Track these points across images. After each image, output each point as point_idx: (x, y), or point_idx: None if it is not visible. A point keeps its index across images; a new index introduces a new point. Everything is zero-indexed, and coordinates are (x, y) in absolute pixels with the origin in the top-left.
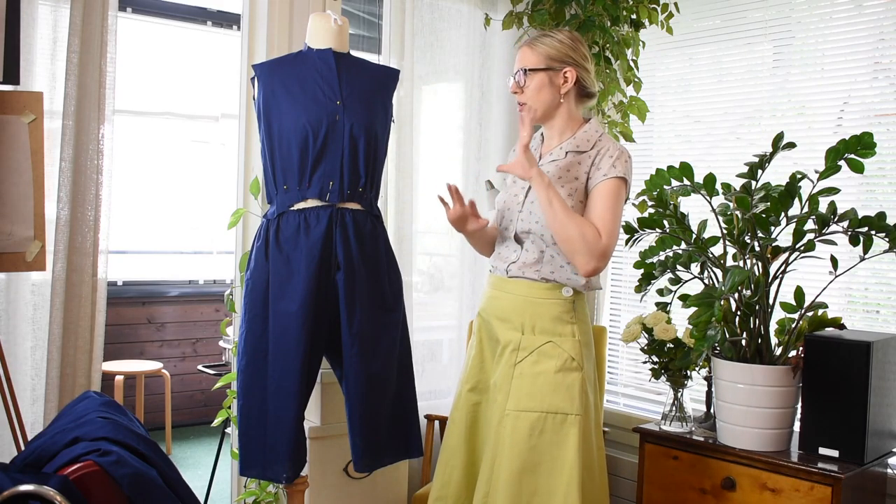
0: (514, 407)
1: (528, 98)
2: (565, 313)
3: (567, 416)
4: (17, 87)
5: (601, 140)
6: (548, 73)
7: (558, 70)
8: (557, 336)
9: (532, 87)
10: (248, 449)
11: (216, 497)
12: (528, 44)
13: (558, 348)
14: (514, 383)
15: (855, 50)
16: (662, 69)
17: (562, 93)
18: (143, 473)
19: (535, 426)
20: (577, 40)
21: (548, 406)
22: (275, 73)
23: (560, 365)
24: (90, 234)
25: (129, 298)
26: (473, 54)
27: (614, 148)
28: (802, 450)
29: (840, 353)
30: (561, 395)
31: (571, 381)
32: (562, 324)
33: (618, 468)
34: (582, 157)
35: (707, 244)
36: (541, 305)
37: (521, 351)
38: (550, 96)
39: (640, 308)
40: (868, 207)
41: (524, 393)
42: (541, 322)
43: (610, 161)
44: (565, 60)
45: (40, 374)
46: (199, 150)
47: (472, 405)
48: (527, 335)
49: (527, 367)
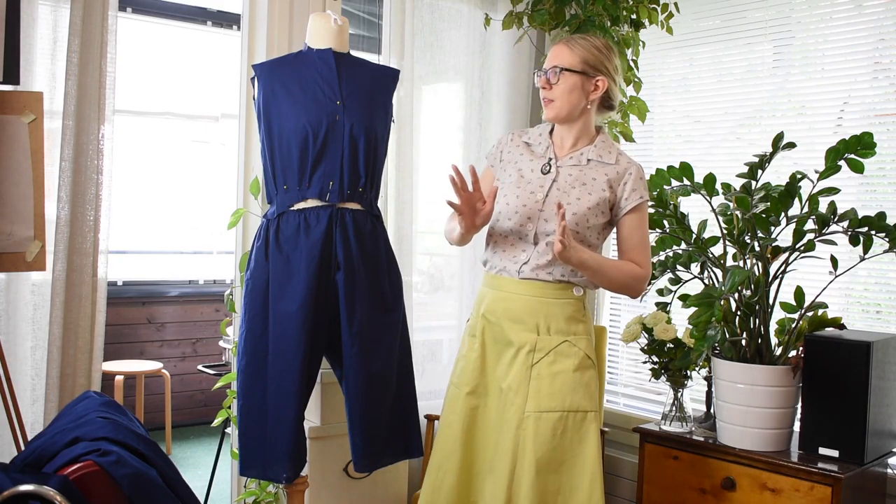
0: (534, 408)
1: (556, 96)
2: (578, 312)
3: (588, 414)
4: (17, 87)
5: (621, 156)
6: (581, 76)
7: (592, 76)
8: (573, 335)
9: (563, 86)
10: (248, 449)
11: (216, 497)
12: (567, 43)
13: (574, 347)
14: (532, 385)
15: (855, 50)
16: (662, 69)
17: (590, 99)
18: (143, 473)
19: (558, 426)
20: (612, 51)
21: (569, 405)
22: (275, 73)
23: (577, 363)
24: (90, 234)
25: (129, 298)
26: (473, 54)
27: (634, 166)
28: (802, 450)
29: (840, 353)
30: (580, 394)
31: (589, 378)
32: (575, 322)
33: (618, 468)
34: (606, 169)
35: (707, 244)
36: (555, 305)
37: (537, 352)
38: (578, 100)
39: (640, 308)
40: (868, 207)
41: (544, 393)
42: (556, 322)
43: (642, 183)
44: (600, 69)
45: (40, 374)
46: (199, 150)
47: (471, 409)
48: (542, 336)
49: (544, 367)
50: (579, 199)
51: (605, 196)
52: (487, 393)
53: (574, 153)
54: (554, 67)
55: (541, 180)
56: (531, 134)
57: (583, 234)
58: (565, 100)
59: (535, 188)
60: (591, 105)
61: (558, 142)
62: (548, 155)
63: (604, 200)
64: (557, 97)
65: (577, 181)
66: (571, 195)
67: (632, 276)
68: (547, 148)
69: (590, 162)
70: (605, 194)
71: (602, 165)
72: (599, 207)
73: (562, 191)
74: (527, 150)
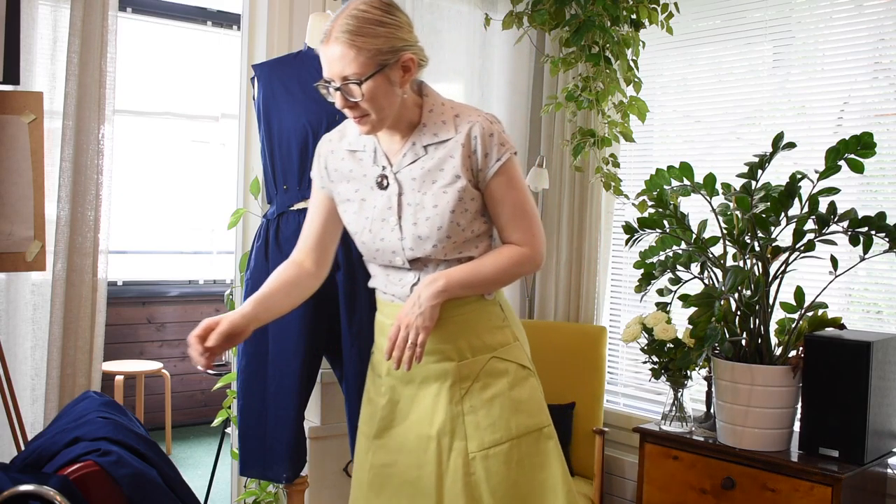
0: (478, 447)
1: (365, 110)
2: (496, 318)
3: (541, 431)
4: (17, 87)
5: (458, 119)
6: (383, 73)
7: (394, 62)
8: (499, 347)
9: (369, 96)
10: (248, 449)
11: (216, 497)
12: (346, 42)
13: (504, 361)
14: (468, 420)
15: (855, 50)
16: (662, 69)
17: (405, 88)
18: (144, 473)
19: (511, 458)
20: (393, 8)
21: (515, 430)
22: (275, 73)
23: (512, 379)
24: (90, 234)
25: (129, 298)
26: (473, 54)
27: (476, 124)
28: (802, 450)
29: (840, 353)
30: (525, 412)
31: (529, 390)
32: (497, 331)
33: (618, 468)
34: (448, 148)
35: (707, 244)
36: (467, 322)
37: (462, 382)
38: (394, 97)
39: (640, 308)
40: (868, 207)
41: (484, 426)
42: (474, 339)
43: (493, 140)
44: (397, 47)
45: (40, 374)
46: (199, 150)
47: (381, 466)
48: (463, 361)
49: (476, 396)
50: (436, 205)
51: (463, 183)
52: (402, 448)
53: (406, 146)
54: (346, 82)
55: (385, 201)
56: (349, 136)
57: (459, 241)
58: (379, 107)
59: (384, 214)
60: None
61: (385, 140)
62: (379, 162)
63: (463, 188)
64: (369, 110)
65: (425, 183)
66: (426, 204)
67: (515, 264)
68: (375, 151)
69: (428, 149)
70: (462, 181)
71: (442, 146)
72: (463, 201)
73: (413, 204)
74: (353, 160)
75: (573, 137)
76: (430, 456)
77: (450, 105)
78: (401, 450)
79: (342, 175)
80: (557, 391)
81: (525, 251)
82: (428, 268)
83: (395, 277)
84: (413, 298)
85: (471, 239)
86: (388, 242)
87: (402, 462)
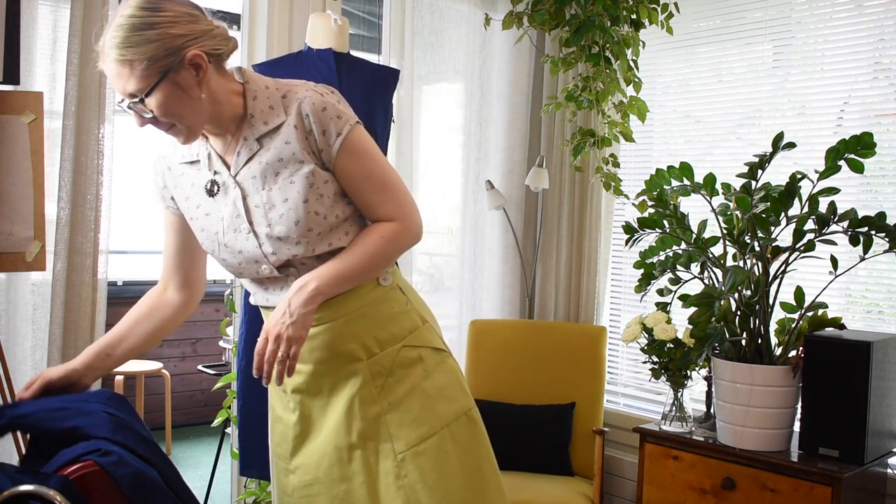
0: (405, 445)
1: (170, 121)
2: (398, 303)
3: (467, 414)
4: (17, 87)
5: (285, 100)
6: (168, 79)
7: (177, 66)
8: (408, 334)
9: (162, 109)
10: (248, 449)
11: (216, 497)
12: (116, 58)
13: (415, 348)
14: (390, 419)
15: (855, 50)
16: (662, 69)
17: (203, 86)
18: (144, 474)
19: (442, 449)
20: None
21: (439, 420)
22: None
23: (426, 366)
24: (90, 234)
25: (129, 298)
26: (473, 54)
27: (305, 101)
28: (802, 450)
29: (840, 353)
30: (447, 398)
31: (446, 373)
32: (403, 318)
33: (618, 468)
34: (283, 134)
35: (707, 244)
36: (370, 313)
37: (375, 379)
38: (195, 98)
39: (640, 308)
40: (868, 207)
41: (407, 422)
42: (381, 330)
43: (327, 114)
44: (175, 49)
45: None
46: None
47: (304, 486)
48: (372, 359)
49: (392, 393)
50: (286, 199)
51: (310, 167)
52: (320, 464)
53: (238, 144)
54: (133, 100)
55: (232, 209)
56: (181, 147)
57: (324, 230)
58: (179, 115)
59: (234, 224)
60: (207, 86)
61: (216, 142)
62: (213, 167)
63: (311, 172)
64: (173, 120)
65: (268, 178)
66: (276, 201)
67: (389, 241)
68: (209, 157)
69: (262, 141)
70: (308, 165)
71: (276, 133)
72: (315, 187)
73: (262, 205)
74: (193, 171)
75: (573, 137)
76: (357, 466)
77: (275, 86)
78: (320, 466)
79: (183, 192)
80: (557, 391)
81: (396, 226)
82: (303, 268)
83: (274, 289)
84: (282, 307)
85: (337, 226)
86: (248, 253)
87: (324, 479)
